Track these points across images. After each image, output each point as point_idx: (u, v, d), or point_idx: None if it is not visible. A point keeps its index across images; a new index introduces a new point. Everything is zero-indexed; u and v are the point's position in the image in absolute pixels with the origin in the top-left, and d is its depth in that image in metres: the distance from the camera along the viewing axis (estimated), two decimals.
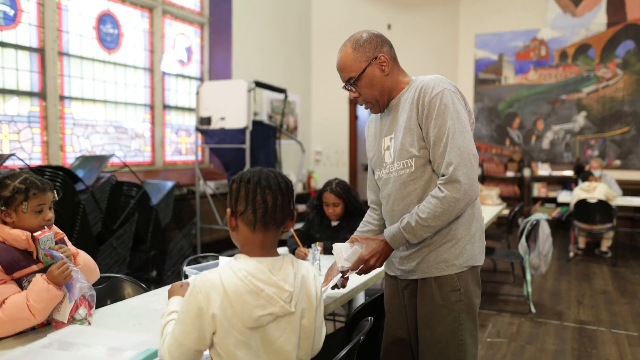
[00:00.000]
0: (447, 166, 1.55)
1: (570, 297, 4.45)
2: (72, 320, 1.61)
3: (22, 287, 1.59)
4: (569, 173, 7.65)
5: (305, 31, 7.93)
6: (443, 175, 1.57)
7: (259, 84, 5.58)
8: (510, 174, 7.97)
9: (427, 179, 1.64)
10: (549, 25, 7.93)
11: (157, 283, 4.40)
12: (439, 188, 1.57)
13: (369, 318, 1.65)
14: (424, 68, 8.37)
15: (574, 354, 3.24)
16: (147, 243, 4.40)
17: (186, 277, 2.43)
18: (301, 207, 7.21)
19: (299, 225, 3.25)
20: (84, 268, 1.74)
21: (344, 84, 1.73)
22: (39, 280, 1.55)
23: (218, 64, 6.50)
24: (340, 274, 1.71)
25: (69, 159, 4.82)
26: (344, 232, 2.93)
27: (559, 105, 7.90)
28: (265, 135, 5.90)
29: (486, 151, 8.37)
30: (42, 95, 4.55)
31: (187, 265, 2.52)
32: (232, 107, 5.52)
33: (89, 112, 5.06)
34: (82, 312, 1.63)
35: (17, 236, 1.59)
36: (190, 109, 6.34)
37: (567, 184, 7.67)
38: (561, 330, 3.66)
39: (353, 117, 8.43)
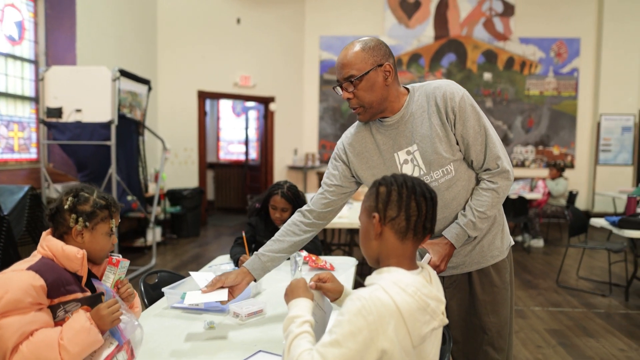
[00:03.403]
0: (494, 160, 1.66)
1: None
2: None
3: (55, 316, 1.21)
4: None
5: (150, 20, 7.26)
6: (488, 169, 1.67)
7: (124, 73, 4.93)
8: None
9: (466, 178, 1.70)
10: (387, 33, 8.64)
11: None
12: (490, 180, 1.67)
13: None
14: (272, 64, 8.40)
15: None
16: None
17: (150, 298, 2.02)
18: (157, 210, 6.60)
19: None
20: (138, 312, 1.41)
21: (339, 81, 1.65)
22: (81, 317, 1.18)
23: (58, 46, 5.54)
24: None
25: None
26: None
27: None
28: (126, 131, 5.24)
29: (331, 149, 8.75)
30: None
31: (142, 284, 2.10)
32: (91, 98, 4.78)
33: None
34: (120, 357, 1.25)
35: (72, 254, 1.24)
36: (24, 97, 5.29)
37: None
38: None
39: (202, 113, 8.01)
